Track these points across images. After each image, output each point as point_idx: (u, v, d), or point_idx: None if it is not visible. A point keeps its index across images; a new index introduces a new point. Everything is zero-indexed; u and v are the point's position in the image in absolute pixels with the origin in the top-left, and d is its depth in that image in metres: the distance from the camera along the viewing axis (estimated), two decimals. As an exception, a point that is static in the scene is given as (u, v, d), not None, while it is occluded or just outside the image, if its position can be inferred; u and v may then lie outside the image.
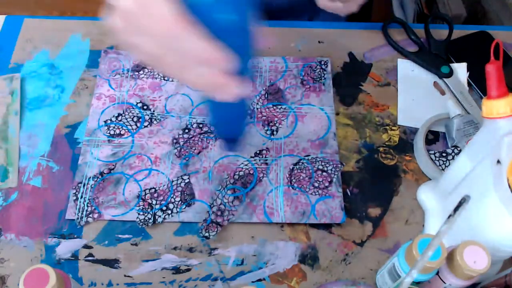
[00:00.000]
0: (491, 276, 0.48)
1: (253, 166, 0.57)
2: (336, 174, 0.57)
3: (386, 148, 0.60)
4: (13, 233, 0.52)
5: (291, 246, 0.53)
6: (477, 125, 0.58)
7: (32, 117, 0.60)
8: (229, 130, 0.49)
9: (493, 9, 1.17)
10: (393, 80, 0.65)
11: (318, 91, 0.63)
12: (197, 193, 0.55)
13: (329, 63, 0.66)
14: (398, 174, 0.58)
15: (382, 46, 0.68)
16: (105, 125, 0.60)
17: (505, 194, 0.41)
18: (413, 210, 0.55)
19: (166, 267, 0.51)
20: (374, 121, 0.62)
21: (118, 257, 0.52)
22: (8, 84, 0.62)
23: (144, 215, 0.53)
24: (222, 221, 0.53)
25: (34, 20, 0.69)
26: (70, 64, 0.65)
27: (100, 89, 0.62)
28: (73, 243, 0.52)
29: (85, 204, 0.54)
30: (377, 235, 0.54)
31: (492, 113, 0.42)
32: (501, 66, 0.42)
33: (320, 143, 0.59)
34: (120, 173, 0.56)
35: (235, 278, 0.51)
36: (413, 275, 0.36)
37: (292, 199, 0.55)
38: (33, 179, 0.56)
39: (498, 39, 0.43)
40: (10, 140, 0.58)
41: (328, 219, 0.54)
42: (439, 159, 0.58)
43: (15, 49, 0.66)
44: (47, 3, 1.60)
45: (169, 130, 0.60)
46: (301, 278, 0.51)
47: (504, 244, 0.43)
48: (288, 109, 0.62)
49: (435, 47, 0.67)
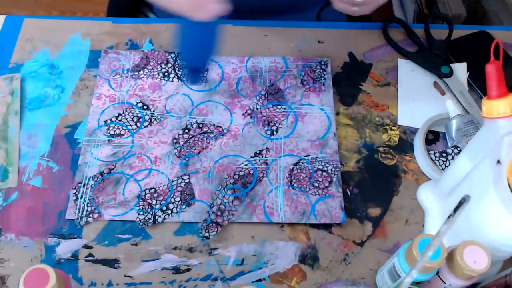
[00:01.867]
0: (491, 276, 0.48)
1: (253, 166, 0.57)
2: (336, 174, 0.57)
3: (386, 148, 0.60)
4: (13, 233, 0.52)
5: (291, 246, 0.53)
6: (477, 125, 0.58)
7: (32, 117, 0.60)
8: (196, 57, 0.49)
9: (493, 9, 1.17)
10: (393, 80, 0.65)
11: (318, 91, 0.63)
12: (197, 193, 0.55)
13: (329, 63, 0.66)
14: (398, 174, 0.58)
15: (382, 46, 0.68)
16: (105, 125, 0.60)
17: (505, 194, 0.41)
18: (413, 210, 0.55)
19: (166, 267, 0.51)
20: (374, 121, 0.62)
21: (118, 257, 0.52)
22: (8, 84, 0.62)
23: (144, 215, 0.53)
24: (222, 221, 0.53)
25: (34, 20, 0.69)
26: (70, 64, 0.65)
27: (100, 89, 0.62)
28: (73, 243, 0.52)
29: (85, 204, 0.54)
30: (377, 235, 0.54)
31: (492, 113, 0.42)
32: (501, 66, 0.42)
33: (320, 143, 0.59)
34: (120, 173, 0.56)
35: (235, 278, 0.51)
36: (413, 275, 0.36)
37: (292, 199, 0.55)
38: (33, 179, 0.56)
39: (498, 39, 0.43)
40: (10, 140, 0.58)
41: (328, 219, 0.54)
42: (439, 159, 0.57)
43: (15, 49, 0.66)
44: (47, 3, 1.60)
45: (169, 130, 0.60)
46: (301, 278, 0.51)
47: (504, 244, 0.43)
48: (288, 109, 0.62)
49: (435, 47, 0.67)
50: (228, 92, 0.63)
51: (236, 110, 0.61)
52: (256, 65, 0.65)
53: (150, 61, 0.65)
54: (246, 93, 0.63)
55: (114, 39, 0.68)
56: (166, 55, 0.66)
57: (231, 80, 0.64)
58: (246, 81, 0.64)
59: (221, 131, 0.60)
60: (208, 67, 0.50)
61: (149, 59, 0.65)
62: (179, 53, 0.50)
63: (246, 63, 0.65)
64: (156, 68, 0.64)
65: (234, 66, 0.65)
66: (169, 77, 0.64)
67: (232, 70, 0.65)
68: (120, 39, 0.68)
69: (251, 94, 0.63)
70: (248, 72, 0.65)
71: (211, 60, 0.50)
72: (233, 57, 0.66)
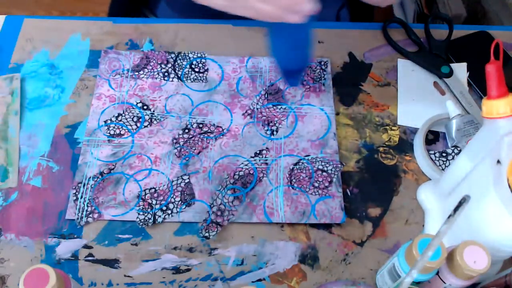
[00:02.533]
0: (491, 276, 0.48)
1: (253, 166, 0.57)
2: (336, 174, 0.57)
3: (386, 148, 0.60)
4: (13, 233, 0.52)
5: (291, 246, 0.53)
6: (477, 125, 0.58)
7: (32, 117, 0.60)
8: (293, 60, 0.49)
9: (493, 9, 1.17)
10: (393, 80, 0.65)
11: (318, 91, 0.63)
12: (197, 193, 0.55)
13: (329, 63, 0.66)
14: (398, 174, 0.58)
15: (382, 46, 0.68)
16: (105, 125, 0.60)
17: (505, 194, 0.41)
18: (413, 210, 0.55)
19: (166, 267, 0.51)
20: (374, 121, 0.62)
21: (118, 257, 0.52)
22: (8, 84, 0.62)
23: (144, 215, 0.53)
24: (222, 221, 0.53)
25: (34, 20, 0.69)
26: (70, 64, 0.65)
27: (100, 89, 0.62)
28: (73, 243, 0.52)
29: (85, 204, 0.54)
30: (377, 235, 0.54)
31: (492, 113, 0.42)
32: (501, 66, 0.42)
33: (320, 143, 0.59)
34: (120, 173, 0.56)
35: (235, 278, 0.51)
36: (413, 275, 0.36)
37: (292, 199, 0.55)
38: (33, 179, 0.56)
39: (498, 39, 0.43)
40: (10, 140, 0.58)
41: (328, 219, 0.54)
42: (439, 159, 0.57)
43: (15, 49, 0.66)
44: (47, 3, 1.60)
45: (169, 130, 0.60)
46: (301, 278, 0.51)
47: (504, 244, 0.43)
48: (288, 109, 0.62)
49: (435, 47, 0.67)
50: (228, 92, 0.63)
51: (236, 110, 0.61)
52: (256, 65, 0.65)
53: (150, 61, 0.65)
54: (246, 93, 0.63)
55: (114, 39, 0.68)
56: (166, 55, 0.66)
57: (231, 80, 0.64)
58: (246, 81, 0.64)
59: (221, 131, 0.60)
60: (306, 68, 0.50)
61: (149, 59, 0.65)
62: (274, 58, 0.50)
63: (246, 63, 0.65)
64: (156, 68, 0.64)
65: (234, 66, 0.65)
66: (169, 77, 0.64)
67: (232, 70, 0.65)
68: (120, 39, 0.68)
69: (251, 94, 0.63)
70: (248, 72, 0.65)
71: (308, 60, 0.50)
72: (233, 57, 0.66)
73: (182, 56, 0.66)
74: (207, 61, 0.65)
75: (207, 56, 0.66)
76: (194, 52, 0.66)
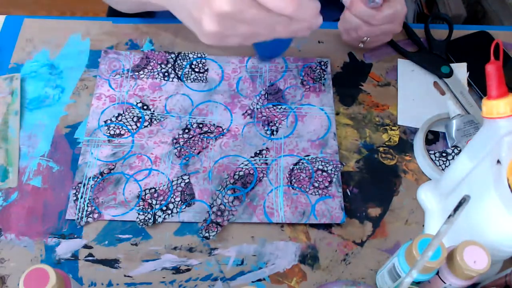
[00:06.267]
0: (491, 276, 0.48)
1: (253, 166, 0.57)
2: (336, 174, 0.57)
3: (386, 148, 0.60)
4: (13, 233, 0.52)
5: (291, 246, 0.53)
6: (477, 125, 0.58)
7: (32, 117, 0.60)
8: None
9: (493, 9, 1.17)
10: (393, 80, 0.65)
11: (318, 91, 0.63)
12: (197, 193, 0.55)
13: (328, 63, 0.66)
14: (398, 174, 0.58)
15: (382, 46, 0.68)
16: (105, 125, 0.60)
17: (505, 194, 0.41)
18: (413, 210, 0.55)
19: (166, 267, 0.51)
20: (374, 121, 0.62)
21: (118, 257, 0.52)
22: (8, 84, 0.62)
23: (144, 215, 0.53)
24: (222, 221, 0.53)
25: (34, 20, 0.69)
26: (70, 64, 0.65)
27: (100, 89, 0.62)
28: (73, 243, 0.52)
29: (85, 204, 0.54)
30: (377, 235, 0.54)
31: (492, 113, 0.42)
32: (501, 66, 0.42)
33: (320, 143, 0.59)
34: (120, 173, 0.56)
35: (235, 278, 0.51)
36: (413, 275, 0.36)
37: (292, 199, 0.55)
38: (33, 179, 0.56)
39: (498, 39, 0.43)
40: (10, 140, 0.58)
41: (328, 219, 0.54)
42: (439, 159, 0.58)
43: (15, 49, 0.66)
44: (47, 3, 1.60)
45: (169, 130, 0.60)
46: (301, 278, 0.51)
47: (504, 244, 0.43)
48: (288, 109, 0.62)
49: (435, 47, 0.67)
50: (228, 92, 0.63)
51: (236, 110, 0.61)
52: (256, 65, 0.65)
53: (150, 61, 0.65)
54: (246, 93, 0.63)
55: (114, 39, 0.68)
56: (166, 55, 0.66)
57: (231, 80, 0.64)
58: (246, 81, 0.64)
59: (221, 131, 0.60)
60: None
61: (149, 59, 0.65)
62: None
63: (246, 63, 0.65)
64: (156, 68, 0.64)
65: (234, 66, 0.65)
66: (169, 77, 0.64)
67: (232, 70, 0.65)
68: (120, 39, 0.68)
69: (251, 94, 0.63)
70: (248, 72, 0.65)
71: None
72: (233, 57, 0.66)
73: (182, 56, 0.66)
74: (207, 61, 0.65)
75: (207, 56, 0.66)
76: (194, 52, 0.66)
